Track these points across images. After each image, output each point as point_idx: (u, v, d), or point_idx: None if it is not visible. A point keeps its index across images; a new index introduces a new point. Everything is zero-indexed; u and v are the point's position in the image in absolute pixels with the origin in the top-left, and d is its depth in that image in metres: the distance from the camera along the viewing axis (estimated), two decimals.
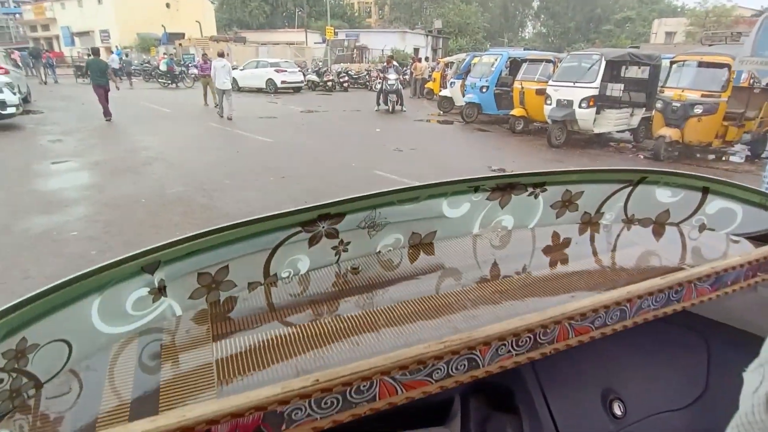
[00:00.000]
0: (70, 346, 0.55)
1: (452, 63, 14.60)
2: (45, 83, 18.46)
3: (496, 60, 11.41)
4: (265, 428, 0.44)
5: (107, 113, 9.63)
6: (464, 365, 0.54)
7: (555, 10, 46.30)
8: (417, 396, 0.51)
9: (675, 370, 1.01)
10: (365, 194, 0.73)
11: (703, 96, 7.29)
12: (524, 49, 14.73)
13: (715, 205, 0.93)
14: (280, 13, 41.07)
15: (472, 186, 0.83)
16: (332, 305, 0.71)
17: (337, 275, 0.78)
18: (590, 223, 0.98)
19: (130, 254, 0.56)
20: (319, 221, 0.72)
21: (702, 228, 0.95)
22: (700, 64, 7.98)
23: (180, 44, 30.82)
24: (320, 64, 23.11)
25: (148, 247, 0.57)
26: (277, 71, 16.46)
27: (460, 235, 0.90)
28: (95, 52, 10.39)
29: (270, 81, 16.45)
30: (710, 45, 9.42)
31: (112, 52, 21.30)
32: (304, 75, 18.32)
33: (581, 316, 0.60)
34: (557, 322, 0.58)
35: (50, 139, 8.00)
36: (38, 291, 0.50)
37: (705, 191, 0.92)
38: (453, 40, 33.65)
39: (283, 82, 16.43)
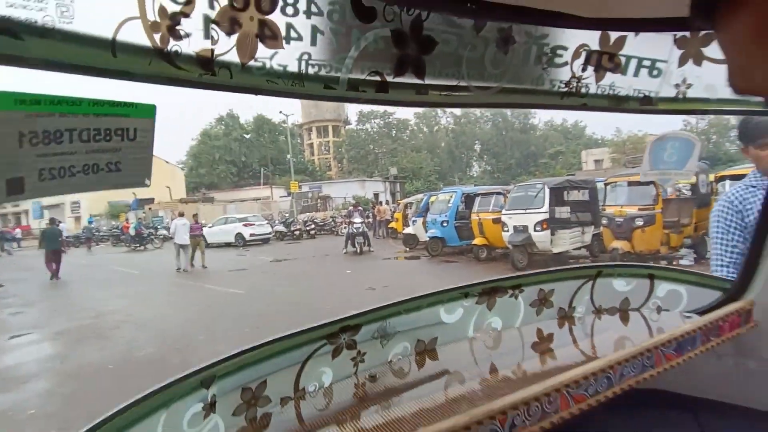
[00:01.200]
0: None
1: (411, 203, 15.72)
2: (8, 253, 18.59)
3: (451, 197, 12.47)
4: None
5: (55, 275, 10.83)
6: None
7: (495, 150, 52.10)
8: None
9: None
10: (378, 306, 0.86)
11: (640, 210, 8.13)
12: (474, 185, 16.19)
13: (663, 288, 1.11)
14: (247, 172, 44.03)
15: (463, 292, 0.98)
16: (355, 416, 0.78)
17: (356, 386, 0.87)
18: (566, 317, 1.12)
19: (193, 370, 0.65)
20: (340, 333, 0.83)
21: (659, 309, 1.11)
22: (630, 183, 9.03)
23: (150, 208, 31.86)
24: (287, 215, 24.23)
25: (208, 363, 0.66)
26: (245, 225, 17.11)
27: (458, 339, 1.02)
28: (52, 221, 12.03)
29: (239, 235, 16.96)
30: (633, 167, 10.84)
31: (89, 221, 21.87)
32: (272, 227, 19.04)
33: (575, 383, 0.71)
34: (557, 390, 0.69)
35: (10, 312, 7.70)
36: (124, 405, 0.57)
37: (651, 277, 1.11)
38: (409, 183, 36.58)
39: (251, 235, 16.96)
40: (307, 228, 19.34)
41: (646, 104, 0.96)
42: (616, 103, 0.95)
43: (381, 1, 0.63)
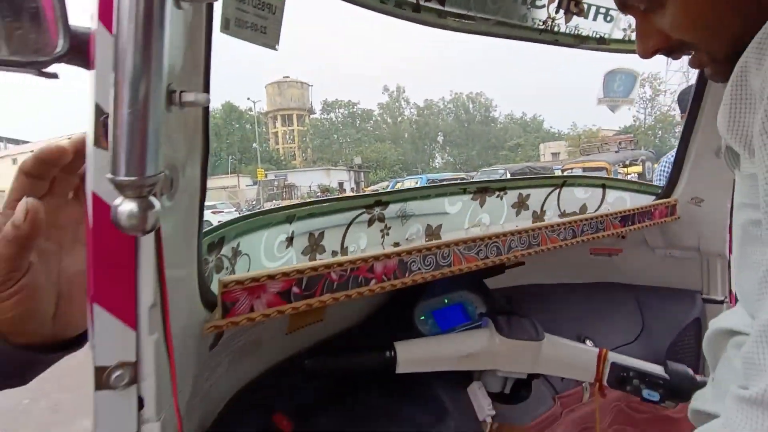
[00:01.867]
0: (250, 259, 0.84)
1: (377, 190, 16.10)
2: None
3: (416, 183, 12.86)
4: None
5: None
6: (495, 250, 0.90)
7: (457, 142, 53.09)
8: (472, 267, 0.86)
9: (622, 317, 1.40)
10: (401, 189, 1.11)
11: None
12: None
13: (612, 195, 1.43)
14: (214, 162, 42.99)
15: (462, 188, 1.25)
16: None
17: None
18: (538, 218, 1.42)
19: (282, 206, 0.88)
20: (375, 206, 1.08)
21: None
22: (585, 170, 9.70)
23: None
24: (253, 203, 24.19)
25: (294, 203, 0.89)
26: (213, 212, 17.00)
27: (456, 229, 1.29)
28: None
29: (207, 222, 16.77)
30: (587, 155, 11.64)
31: None
32: (240, 213, 18.97)
33: (552, 228, 1.00)
34: (539, 228, 0.97)
35: None
36: (248, 215, 0.80)
37: (604, 187, 1.42)
38: (373, 173, 36.87)
39: (219, 222, 16.85)
40: None
41: (601, 43, 1.25)
42: (579, 41, 1.24)
43: None
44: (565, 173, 10.35)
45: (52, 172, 0.46)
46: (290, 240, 0.93)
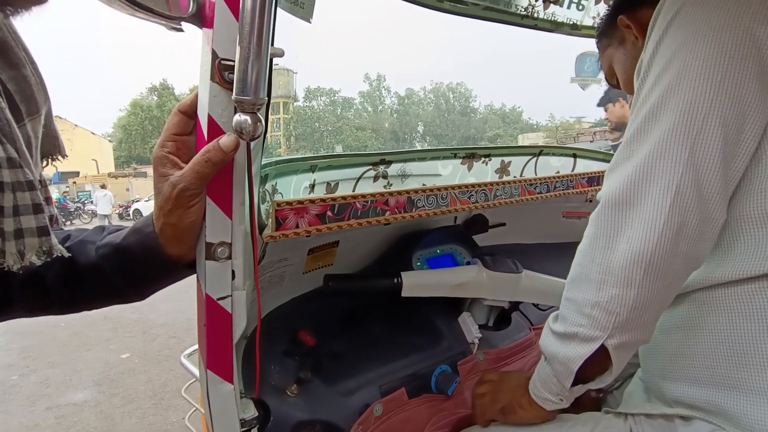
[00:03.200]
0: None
1: None
2: None
3: None
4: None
5: None
6: (483, 196, 1.08)
7: (437, 132, 53.39)
8: (465, 209, 1.04)
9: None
10: (400, 150, 1.29)
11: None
12: None
13: (581, 163, 1.63)
14: None
15: (453, 153, 1.43)
16: None
17: None
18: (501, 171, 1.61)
19: (305, 156, 1.04)
20: (380, 164, 1.25)
21: None
22: None
23: (74, 182, 29.96)
24: None
25: (311, 156, 1.05)
26: None
27: None
28: None
29: None
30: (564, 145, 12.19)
31: None
32: None
33: (530, 182, 1.19)
34: (520, 182, 1.16)
35: None
36: (282, 159, 0.96)
37: (575, 156, 1.62)
38: None
39: None
40: None
41: (574, 29, 1.45)
42: (555, 26, 1.43)
43: None
44: None
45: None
46: (312, 187, 1.09)
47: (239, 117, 0.53)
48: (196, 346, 1.38)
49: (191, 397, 1.31)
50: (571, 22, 1.43)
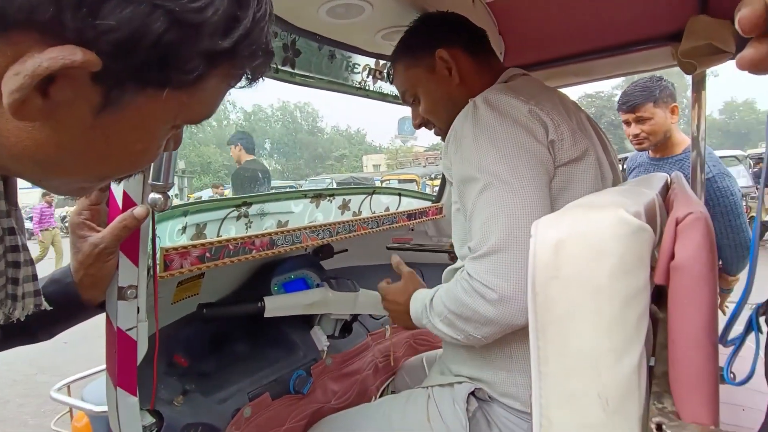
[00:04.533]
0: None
1: (201, 197, 15.42)
2: None
3: None
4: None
5: None
6: (328, 233, 1.39)
7: (285, 150, 53.13)
8: (314, 244, 1.33)
9: None
10: (261, 193, 1.52)
11: None
12: None
13: (405, 201, 2.08)
14: None
15: (303, 193, 1.72)
16: None
17: None
18: (358, 215, 1.98)
19: (179, 204, 1.21)
20: (242, 206, 1.47)
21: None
22: (399, 181, 11.14)
23: None
24: None
25: (184, 203, 1.22)
26: None
27: (299, 224, 1.76)
28: None
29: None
30: (402, 168, 13.43)
31: None
32: None
33: (364, 220, 1.54)
34: (356, 220, 1.50)
35: None
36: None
37: (400, 195, 2.06)
38: (197, 178, 34.51)
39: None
40: None
41: (397, 99, 1.87)
42: (382, 96, 1.84)
43: (278, 28, 1.33)
44: (384, 183, 11.72)
45: None
46: (184, 229, 1.27)
47: (154, 195, 0.74)
48: (65, 381, 1.40)
49: (61, 427, 1.33)
50: (393, 94, 1.86)
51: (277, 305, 1.32)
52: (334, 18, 1.27)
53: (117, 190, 0.76)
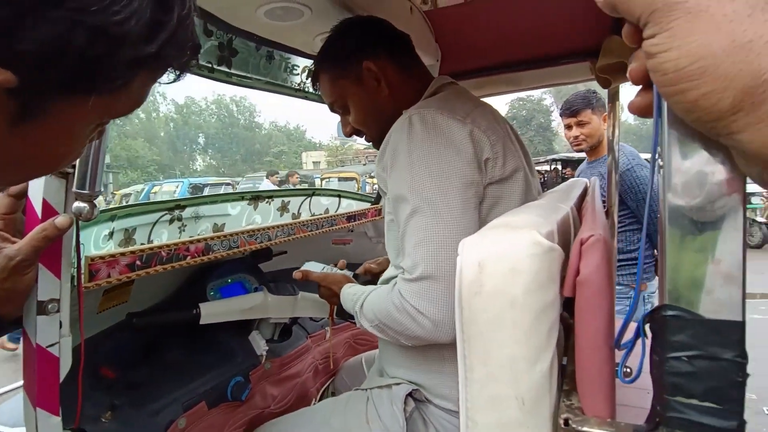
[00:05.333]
0: None
1: (130, 194, 14.44)
2: None
3: (177, 187, 12.19)
4: None
5: None
6: (267, 237, 1.38)
7: (220, 145, 51.09)
8: (253, 248, 1.31)
9: None
10: (195, 196, 1.47)
11: None
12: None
13: (345, 203, 2.09)
14: None
15: (241, 195, 1.69)
16: None
17: None
18: (296, 218, 1.97)
19: (107, 208, 1.13)
20: (175, 209, 1.42)
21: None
22: (340, 178, 11.11)
23: None
24: None
25: (111, 207, 1.15)
26: None
27: (236, 226, 1.72)
28: None
29: None
30: (342, 165, 13.38)
31: None
32: None
33: (303, 223, 1.54)
34: (295, 223, 1.50)
35: None
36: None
37: (339, 197, 2.07)
38: (123, 173, 32.32)
39: None
40: None
41: None
42: (322, 99, 1.84)
43: (214, 27, 1.29)
44: (324, 181, 11.61)
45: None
46: (111, 235, 1.20)
47: (79, 204, 0.70)
48: None
49: None
50: None
51: (213, 311, 1.29)
52: (272, 20, 1.26)
53: (35, 197, 0.71)
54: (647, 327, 0.34)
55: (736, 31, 0.25)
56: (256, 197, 1.76)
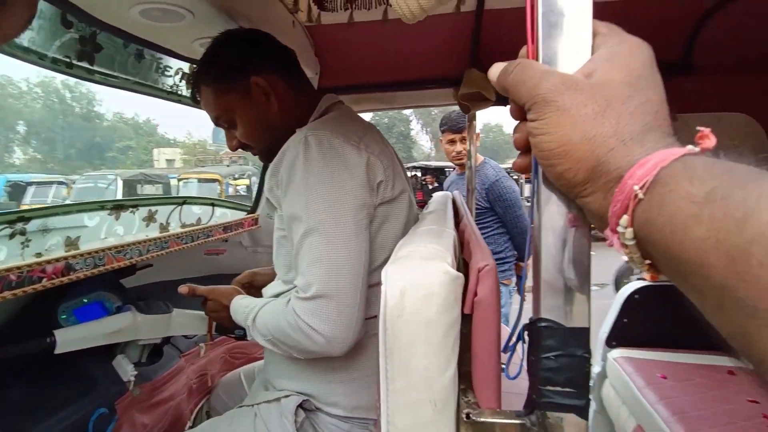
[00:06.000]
0: None
1: None
2: None
3: None
4: None
5: None
6: (137, 252, 1.27)
7: (48, 136, 43.56)
8: (122, 265, 1.20)
9: None
10: (45, 206, 1.28)
11: None
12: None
13: (218, 211, 2.00)
14: None
15: (100, 205, 1.51)
16: None
17: None
18: (165, 229, 1.83)
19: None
20: (17, 222, 1.21)
21: (199, 221, 2.00)
22: (200, 180, 10.37)
23: None
24: None
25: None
26: None
27: (94, 240, 1.54)
28: None
29: None
30: (203, 165, 12.50)
31: None
32: None
33: (178, 236, 1.45)
34: (169, 236, 1.40)
35: None
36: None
37: (213, 205, 1.98)
38: None
39: None
40: None
41: None
42: (197, 103, 1.74)
43: (75, 18, 1.15)
44: (181, 182, 10.70)
45: None
46: None
47: None
48: None
49: None
50: None
51: (71, 338, 1.14)
52: (148, 19, 1.17)
53: None
54: (525, 334, 0.44)
55: (587, 128, 0.35)
56: (118, 206, 1.59)
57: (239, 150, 1.24)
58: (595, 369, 2.26)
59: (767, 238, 0.23)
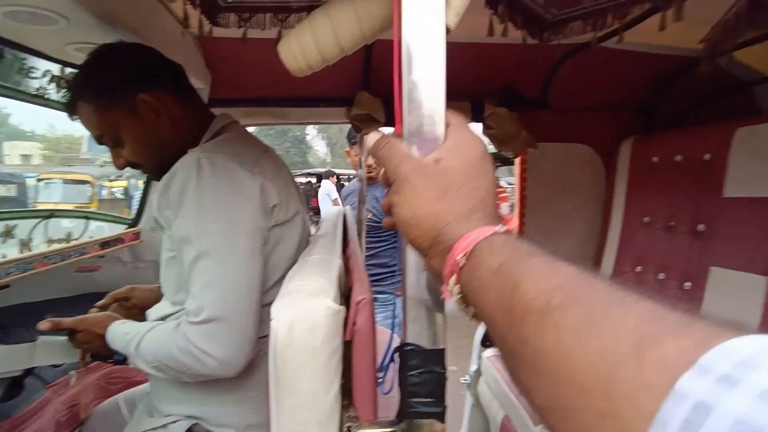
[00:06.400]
0: None
1: None
2: None
3: None
4: None
5: None
6: None
7: None
8: None
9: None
10: None
11: (77, 207, 8.47)
12: None
13: (92, 223, 1.85)
14: None
15: None
16: None
17: None
18: (26, 246, 1.64)
19: None
20: None
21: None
22: (66, 181, 9.18)
23: None
24: None
25: None
26: None
27: None
28: None
29: None
30: (70, 165, 11.05)
31: None
32: None
33: (45, 255, 1.32)
34: (34, 256, 1.27)
35: None
36: None
37: (87, 218, 1.82)
38: None
39: None
40: None
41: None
42: (67, 108, 1.60)
43: None
44: (42, 183, 9.34)
45: None
46: None
47: None
48: None
49: None
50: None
51: None
52: (16, 21, 1.07)
53: None
54: (396, 356, 0.53)
55: (432, 205, 0.45)
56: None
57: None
58: (473, 367, 2.50)
59: (525, 301, 0.32)
